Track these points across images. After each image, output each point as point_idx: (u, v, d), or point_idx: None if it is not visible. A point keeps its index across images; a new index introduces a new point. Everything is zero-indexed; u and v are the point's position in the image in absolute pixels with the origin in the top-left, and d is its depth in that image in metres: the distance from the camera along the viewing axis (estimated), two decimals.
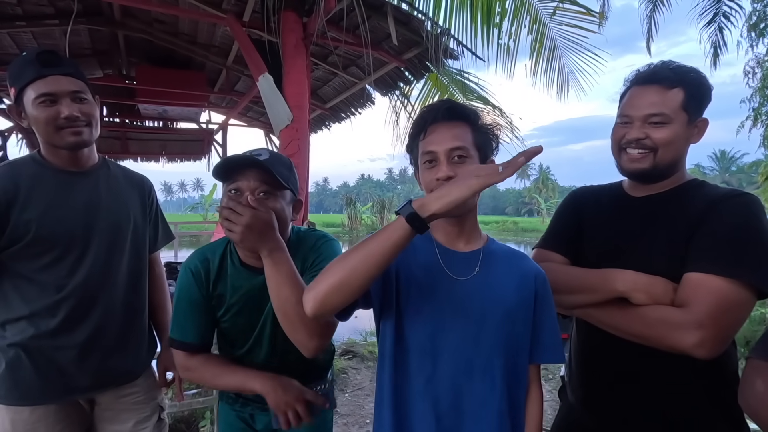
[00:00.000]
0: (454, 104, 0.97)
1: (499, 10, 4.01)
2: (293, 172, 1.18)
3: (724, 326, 0.85)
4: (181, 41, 4.96)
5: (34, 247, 1.21)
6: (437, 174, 0.90)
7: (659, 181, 1.03)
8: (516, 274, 0.97)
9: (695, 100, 0.96)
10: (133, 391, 1.39)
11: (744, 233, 0.89)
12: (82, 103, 1.24)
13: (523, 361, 0.98)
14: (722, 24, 6.42)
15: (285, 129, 3.31)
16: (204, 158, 7.53)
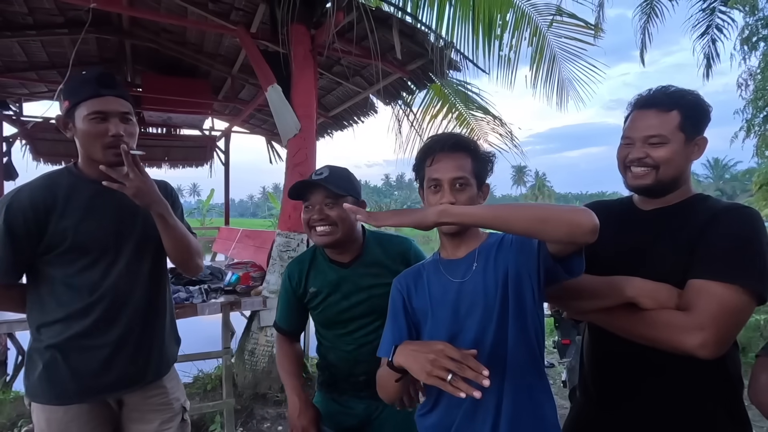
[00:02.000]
0: (459, 138, 1.11)
1: (500, 22, 4.12)
2: (352, 180, 1.43)
3: (724, 328, 0.91)
4: (188, 50, 5.05)
5: (70, 253, 1.27)
6: (441, 200, 1.04)
7: (663, 195, 1.09)
8: (500, 251, 1.05)
9: (691, 121, 1.03)
10: (159, 392, 1.44)
11: (744, 243, 0.95)
12: (128, 123, 1.33)
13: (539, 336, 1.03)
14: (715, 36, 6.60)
15: (293, 138, 3.39)
16: (206, 164, 7.61)
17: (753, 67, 5.65)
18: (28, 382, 1.29)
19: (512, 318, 0.99)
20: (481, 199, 1.12)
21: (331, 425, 1.47)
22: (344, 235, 1.37)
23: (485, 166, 1.11)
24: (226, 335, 3.07)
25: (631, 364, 1.08)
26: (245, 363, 3.39)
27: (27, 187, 1.28)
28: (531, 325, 1.01)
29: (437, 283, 1.10)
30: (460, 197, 1.04)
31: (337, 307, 1.43)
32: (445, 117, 5.48)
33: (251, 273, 3.51)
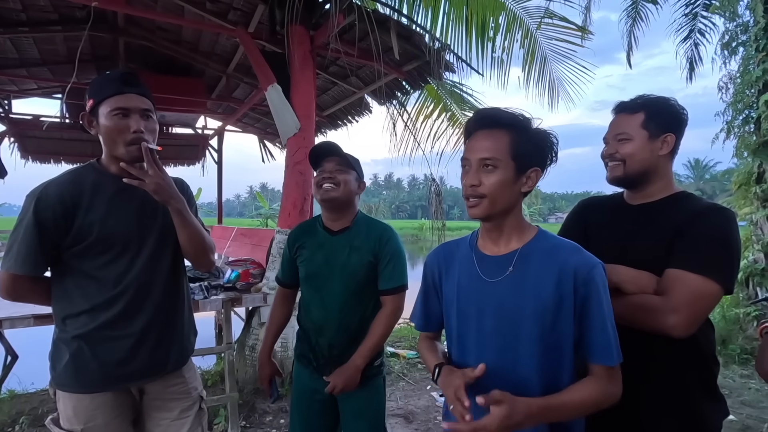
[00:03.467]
0: (493, 113, 0.98)
1: (493, 25, 4.23)
2: (358, 162, 1.70)
3: (694, 312, 1.03)
4: (183, 49, 5.05)
5: (96, 246, 1.32)
6: (466, 180, 0.98)
7: (637, 186, 1.23)
8: (554, 270, 0.94)
9: (655, 120, 1.18)
10: (179, 381, 1.50)
11: (718, 241, 1.07)
12: (149, 120, 1.38)
13: (567, 363, 0.95)
14: (698, 40, 6.82)
15: (292, 137, 3.44)
16: (198, 163, 7.58)
17: (733, 71, 5.87)
18: (55, 371, 1.34)
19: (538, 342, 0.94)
20: (526, 186, 0.99)
21: (304, 399, 1.70)
22: (343, 197, 1.61)
23: (535, 147, 0.97)
24: (228, 331, 3.11)
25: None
26: (246, 358, 3.43)
27: (54, 182, 1.33)
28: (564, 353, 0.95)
29: (467, 274, 1.05)
30: (487, 179, 0.95)
31: (314, 264, 1.65)
32: (439, 117, 5.58)
33: (251, 270, 3.55)
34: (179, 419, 1.49)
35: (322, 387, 1.61)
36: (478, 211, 0.98)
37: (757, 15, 5.27)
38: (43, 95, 6.06)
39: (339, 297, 1.61)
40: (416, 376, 4.04)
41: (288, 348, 3.48)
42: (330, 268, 1.62)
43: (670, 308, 1.03)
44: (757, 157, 5.30)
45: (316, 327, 1.64)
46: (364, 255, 1.62)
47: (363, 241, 1.64)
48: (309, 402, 1.68)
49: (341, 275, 1.61)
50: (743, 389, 3.76)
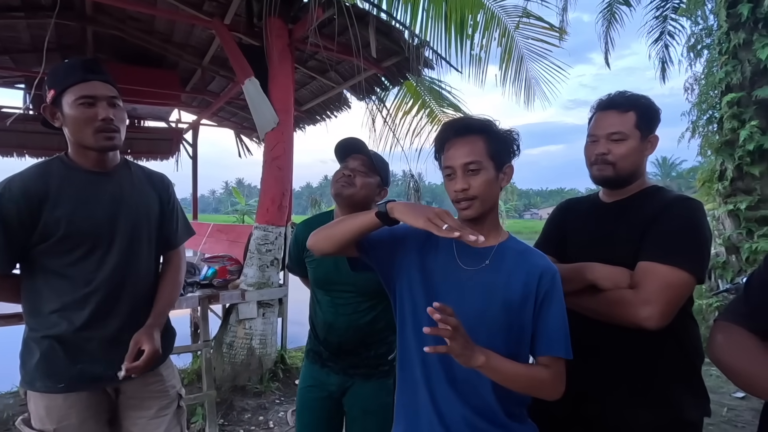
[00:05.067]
0: (466, 121, 1.08)
1: (471, 22, 4.28)
2: (387, 168, 1.61)
3: (666, 303, 1.04)
4: (156, 39, 4.90)
5: (64, 243, 1.28)
6: (455, 186, 1.04)
7: (623, 186, 1.24)
8: (523, 270, 1.02)
9: (645, 121, 1.18)
10: (156, 379, 1.47)
11: (686, 231, 1.09)
12: (116, 108, 1.32)
13: (524, 351, 1.03)
14: (668, 42, 7.09)
15: (271, 132, 3.40)
16: (172, 158, 7.38)
17: (698, 72, 6.12)
18: (25, 371, 1.29)
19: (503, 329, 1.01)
20: (504, 182, 1.08)
21: (314, 391, 1.63)
22: (358, 198, 1.53)
23: (504, 145, 1.07)
24: (205, 328, 3.06)
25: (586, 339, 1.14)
26: (223, 356, 3.38)
27: (18, 177, 1.27)
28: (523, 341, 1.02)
29: (445, 257, 1.10)
30: (474, 181, 1.02)
31: (326, 270, 1.57)
32: (417, 113, 5.61)
33: (228, 267, 3.49)
34: (157, 418, 1.46)
35: (330, 381, 1.60)
36: (472, 212, 1.04)
37: (721, 19, 5.51)
38: (4, 85, 5.77)
39: (350, 301, 1.56)
40: None
41: (266, 345, 3.45)
42: (340, 274, 1.53)
43: (642, 300, 1.05)
44: (719, 155, 5.56)
45: (327, 325, 1.59)
46: None
47: None
48: (316, 394, 1.63)
49: (354, 281, 1.53)
50: (705, 376, 3.92)
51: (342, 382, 1.60)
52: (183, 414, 1.57)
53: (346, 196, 1.53)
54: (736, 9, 5.23)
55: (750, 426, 3.11)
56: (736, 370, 0.81)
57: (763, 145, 5.05)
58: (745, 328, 0.84)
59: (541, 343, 1.01)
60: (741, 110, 5.29)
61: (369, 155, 1.56)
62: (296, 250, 1.70)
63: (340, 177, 1.54)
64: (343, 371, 1.59)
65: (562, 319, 1.01)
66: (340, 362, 1.59)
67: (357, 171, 1.53)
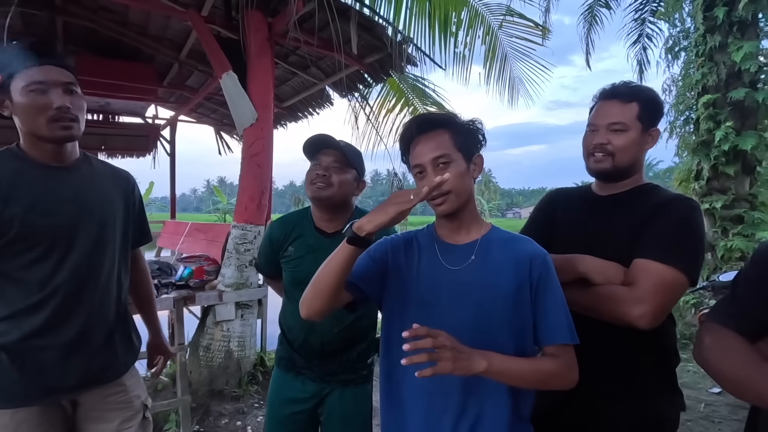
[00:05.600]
0: (428, 117, 1.07)
1: (455, 20, 4.24)
2: (361, 159, 1.53)
3: (660, 302, 1.02)
4: (130, 32, 4.71)
5: (18, 244, 1.17)
6: (427, 183, 0.97)
7: (620, 180, 1.20)
8: (512, 258, 1.00)
9: (648, 113, 1.15)
10: (119, 390, 1.37)
11: (683, 230, 1.07)
12: (73, 95, 1.22)
13: (530, 344, 0.99)
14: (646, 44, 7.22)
15: (249, 128, 3.30)
16: (149, 155, 7.15)
17: (675, 74, 6.24)
18: None
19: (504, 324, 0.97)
20: (476, 173, 1.06)
21: (286, 406, 1.53)
22: (337, 198, 1.45)
23: (470, 136, 1.04)
24: (180, 331, 2.95)
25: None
26: (200, 359, 3.27)
27: None
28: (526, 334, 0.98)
29: (429, 262, 1.05)
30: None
31: (307, 270, 1.42)
32: (401, 111, 5.56)
33: (205, 267, 3.38)
34: (120, 431, 1.37)
35: (306, 390, 1.51)
36: (447, 207, 1.00)
37: (697, 22, 5.62)
38: None
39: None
40: None
41: (245, 347, 3.35)
42: None
43: (636, 299, 1.02)
44: (695, 155, 5.68)
45: (308, 326, 1.47)
46: None
47: None
48: (288, 410, 1.52)
49: None
50: (682, 372, 4.02)
51: (319, 391, 1.51)
52: (149, 425, 1.48)
53: (325, 197, 1.45)
54: (712, 12, 5.33)
55: (726, 421, 3.16)
56: (725, 373, 0.78)
57: (737, 145, 5.17)
58: (733, 329, 0.81)
59: (544, 332, 0.98)
60: (717, 111, 5.40)
61: (341, 149, 1.46)
62: (270, 248, 1.59)
63: (315, 177, 1.44)
64: (321, 378, 1.51)
65: (562, 303, 0.98)
66: (318, 368, 1.50)
67: (331, 168, 1.44)
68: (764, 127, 5.26)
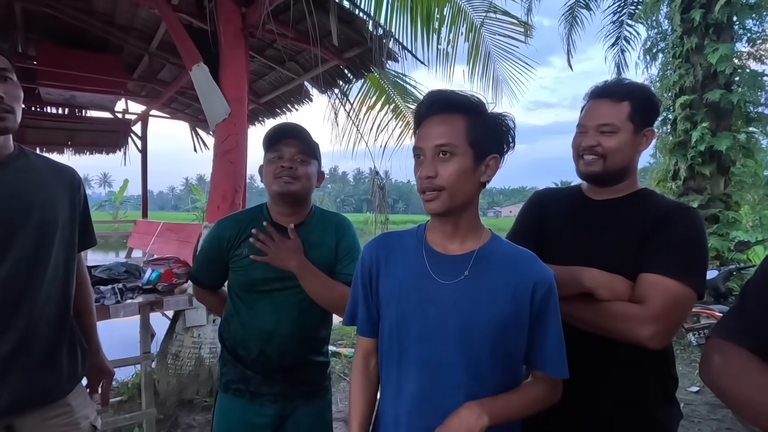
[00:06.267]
0: (447, 95, 0.90)
1: (438, 16, 4.16)
2: (318, 149, 1.43)
3: (672, 321, 0.97)
4: (96, 21, 4.45)
5: None
6: (420, 171, 0.88)
7: (612, 183, 1.13)
8: (512, 280, 0.88)
9: (641, 113, 1.08)
10: (62, 411, 1.22)
11: (691, 244, 1.02)
12: (6, 83, 1.08)
13: (516, 374, 0.93)
14: (623, 47, 7.32)
15: (222, 123, 3.14)
16: (119, 151, 6.86)
17: (653, 75, 6.33)
18: None
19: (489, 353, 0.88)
20: (485, 176, 0.90)
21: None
22: (303, 193, 1.37)
23: (491, 132, 0.89)
24: (146, 338, 2.77)
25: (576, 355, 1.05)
26: (168, 368, 3.10)
27: None
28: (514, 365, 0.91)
29: (414, 273, 0.93)
30: (443, 169, 0.86)
31: (264, 271, 1.34)
32: (382, 109, 5.46)
33: (174, 269, 3.18)
34: None
35: (265, 414, 1.36)
36: (437, 205, 0.88)
37: (675, 24, 5.69)
38: None
39: (296, 299, 1.35)
40: None
41: (217, 354, 3.19)
42: (283, 271, 1.33)
43: (649, 318, 0.95)
44: (673, 156, 5.76)
45: (264, 335, 1.35)
46: (324, 252, 1.40)
47: (320, 236, 1.42)
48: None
49: (296, 282, 1.34)
50: None
51: (280, 411, 1.37)
52: None
53: (294, 192, 1.34)
54: (689, 14, 5.41)
55: (706, 420, 3.17)
56: (740, 398, 0.69)
57: (713, 146, 5.26)
58: (744, 347, 0.73)
59: (538, 361, 0.91)
60: (693, 112, 5.49)
61: (305, 139, 1.36)
62: (218, 249, 1.41)
63: (280, 171, 1.32)
64: (282, 395, 1.37)
65: (558, 336, 0.91)
66: (279, 383, 1.36)
67: (296, 160, 1.33)
68: (738, 128, 5.37)
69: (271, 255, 1.30)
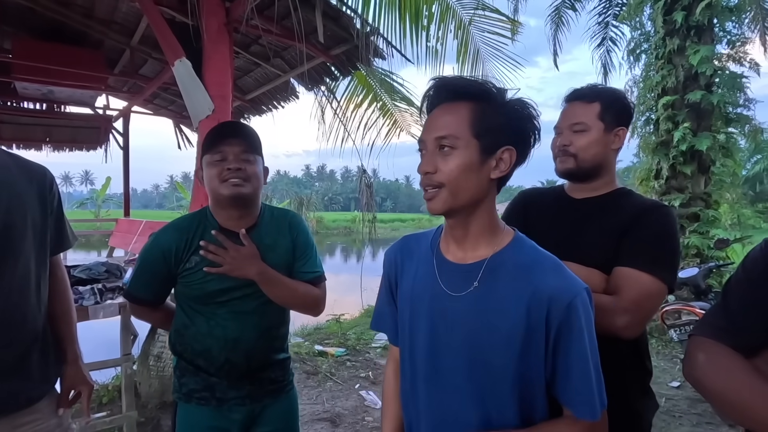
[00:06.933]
0: (452, 82, 0.81)
1: (427, 13, 4.14)
2: (261, 143, 1.36)
3: (644, 312, 1.04)
4: (74, 13, 4.33)
5: None
6: (420, 166, 0.81)
7: (588, 180, 1.20)
8: (526, 292, 0.77)
9: (611, 112, 1.15)
10: (32, 418, 1.17)
11: (664, 240, 1.09)
12: None
13: (539, 393, 0.80)
14: (609, 47, 7.42)
15: (205, 119, 3.06)
16: (100, 148, 6.68)
17: (637, 75, 6.43)
18: None
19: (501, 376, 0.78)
20: (495, 171, 0.79)
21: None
22: (255, 194, 1.32)
23: (506, 120, 0.78)
24: (126, 340, 2.71)
25: None
26: (150, 369, 3.03)
27: None
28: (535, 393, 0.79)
29: (423, 282, 0.86)
30: (444, 164, 0.77)
31: (219, 282, 1.29)
32: (369, 106, 5.42)
33: None
34: None
35: (233, 419, 1.34)
36: (436, 204, 0.80)
37: (657, 25, 5.78)
38: None
39: (258, 303, 1.32)
40: (344, 375, 3.89)
41: None
42: (241, 279, 1.28)
43: (622, 308, 1.01)
44: (655, 155, 5.86)
45: (228, 343, 1.30)
46: (280, 253, 1.37)
47: (275, 237, 1.38)
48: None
49: (254, 286, 1.30)
50: None
51: (249, 413, 1.35)
52: None
53: (246, 195, 1.27)
54: (672, 16, 5.50)
55: (687, 415, 3.23)
56: (724, 395, 0.69)
57: (694, 146, 5.36)
58: (728, 344, 0.73)
59: (560, 393, 0.78)
60: (675, 113, 5.59)
61: (247, 138, 1.29)
62: (162, 264, 1.31)
63: (227, 173, 1.23)
64: (250, 397, 1.35)
65: (585, 367, 0.75)
66: (247, 386, 1.34)
67: (242, 160, 1.26)
68: (718, 129, 5.48)
69: (226, 266, 1.22)
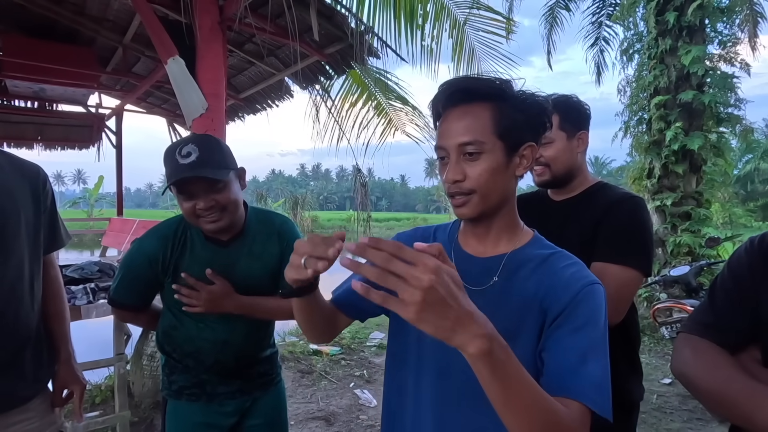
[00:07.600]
0: (468, 83, 0.78)
1: (421, 12, 4.15)
2: (224, 150, 1.26)
3: (620, 301, 1.13)
4: (66, 11, 4.29)
5: None
6: (446, 175, 0.77)
7: (565, 185, 1.28)
8: (542, 286, 0.75)
9: (568, 120, 1.24)
10: (24, 417, 1.17)
11: (632, 230, 1.17)
12: None
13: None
14: (603, 47, 7.46)
15: (199, 118, 3.05)
16: (93, 146, 6.65)
17: (630, 75, 6.47)
18: None
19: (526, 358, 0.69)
20: (519, 168, 0.78)
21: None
22: (235, 218, 1.29)
23: (524, 116, 0.76)
24: (119, 339, 2.70)
25: None
26: (143, 369, 3.01)
27: None
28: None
29: None
30: (472, 170, 0.74)
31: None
32: (364, 106, 5.42)
33: None
34: None
35: (225, 412, 1.36)
36: (468, 210, 0.77)
37: (650, 25, 5.82)
38: None
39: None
40: (339, 374, 3.90)
41: None
42: (230, 280, 1.29)
43: None
44: (648, 154, 5.90)
45: (217, 345, 1.32)
46: (268, 261, 1.35)
47: (263, 245, 1.36)
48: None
49: (245, 289, 1.31)
50: None
51: (240, 406, 1.38)
52: None
53: (225, 228, 1.25)
54: (664, 16, 5.54)
55: (678, 411, 3.27)
56: (710, 390, 0.71)
57: (686, 145, 5.41)
58: (714, 341, 0.75)
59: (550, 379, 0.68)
60: (667, 112, 5.63)
61: (213, 164, 1.18)
62: (148, 271, 1.29)
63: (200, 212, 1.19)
64: (241, 391, 1.37)
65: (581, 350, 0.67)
66: (237, 381, 1.37)
67: (211, 197, 1.19)
68: (709, 128, 5.54)
69: (200, 307, 1.25)
